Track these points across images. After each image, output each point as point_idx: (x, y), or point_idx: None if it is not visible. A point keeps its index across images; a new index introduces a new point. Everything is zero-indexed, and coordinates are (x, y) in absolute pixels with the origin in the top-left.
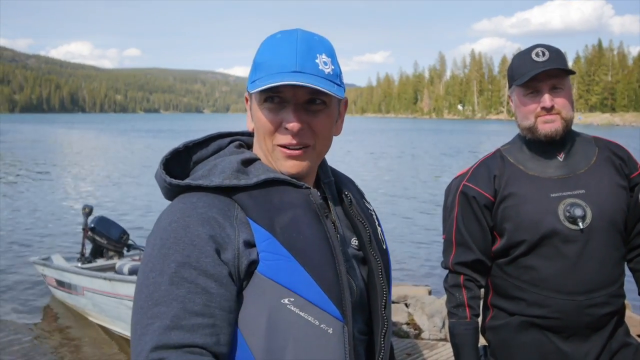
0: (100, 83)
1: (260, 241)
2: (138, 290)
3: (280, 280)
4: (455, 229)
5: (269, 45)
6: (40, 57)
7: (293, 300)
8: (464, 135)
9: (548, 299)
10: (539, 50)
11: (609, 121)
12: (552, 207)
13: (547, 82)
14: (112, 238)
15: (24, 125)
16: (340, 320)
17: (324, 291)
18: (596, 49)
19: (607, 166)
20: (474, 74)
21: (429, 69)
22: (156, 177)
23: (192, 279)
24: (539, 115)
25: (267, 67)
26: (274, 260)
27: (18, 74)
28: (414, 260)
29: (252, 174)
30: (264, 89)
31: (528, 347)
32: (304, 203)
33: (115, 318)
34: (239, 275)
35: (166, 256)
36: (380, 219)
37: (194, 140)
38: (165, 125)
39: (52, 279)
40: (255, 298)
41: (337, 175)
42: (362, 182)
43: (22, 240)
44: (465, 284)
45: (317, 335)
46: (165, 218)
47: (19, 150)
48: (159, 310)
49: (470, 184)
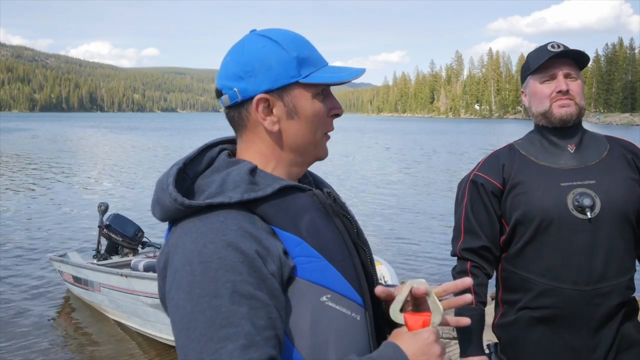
0: (118, 82)
1: (293, 247)
2: (190, 319)
3: (317, 280)
4: (464, 216)
5: (291, 41)
6: (60, 57)
7: (330, 297)
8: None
9: (555, 289)
10: (554, 43)
11: (629, 121)
12: (561, 195)
13: (563, 69)
14: (127, 235)
15: (44, 123)
16: (362, 306)
17: (349, 283)
18: (616, 48)
19: (619, 160)
20: (492, 72)
21: (446, 68)
22: (161, 199)
23: (250, 295)
24: (555, 99)
25: (313, 62)
26: (309, 262)
27: (38, 74)
28: (429, 258)
29: (262, 183)
30: (335, 83)
31: (537, 343)
32: (313, 205)
33: (131, 314)
34: (282, 283)
35: (216, 278)
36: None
37: (190, 155)
38: (180, 124)
39: (69, 275)
40: (298, 301)
41: (313, 175)
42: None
43: (39, 237)
44: (472, 271)
45: (351, 324)
46: (193, 241)
47: (36, 148)
48: (227, 332)
49: (480, 173)
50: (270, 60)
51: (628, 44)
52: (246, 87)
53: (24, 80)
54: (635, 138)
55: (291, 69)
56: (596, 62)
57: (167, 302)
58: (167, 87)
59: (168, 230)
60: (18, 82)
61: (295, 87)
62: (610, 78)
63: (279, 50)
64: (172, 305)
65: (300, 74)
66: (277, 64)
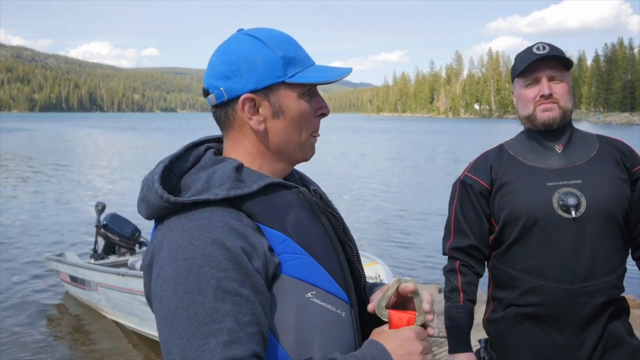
0: (118, 82)
1: (278, 244)
2: (173, 315)
3: (302, 277)
4: (454, 216)
5: (278, 41)
6: (60, 57)
7: (315, 293)
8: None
9: (541, 287)
10: (540, 45)
11: (629, 120)
12: (547, 195)
13: (546, 72)
14: (124, 235)
15: (43, 123)
16: (347, 303)
17: (334, 279)
18: (616, 48)
19: (607, 159)
20: (491, 72)
21: (446, 67)
22: (147, 196)
23: (235, 291)
24: (538, 103)
25: (299, 62)
26: (294, 259)
27: (38, 74)
28: (425, 257)
29: (247, 180)
30: (321, 82)
31: (523, 339)
32: (299, 202)
33: (128, 313)
34: (267, 280)
35: (201, 275)
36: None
37: (176, 153)
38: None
39: (66, 274)
40: (283, 297)
41: (299, 173)
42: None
43: (36, 236)
44: (461, 269)
45: (336, 320)
46: (178, 238)
47: (34, 148)
48: (210, 329)
49: (469, 174)
50: (256, 60)
51: (627, 43)
52: (232, 86)
53: (24, 81)
54: (634, 137)
55: (277, 68)
56: (596, 62)
57: (152, 299)
58: (167, 87)
59: (154, 228)
60: (18, 82)
61: (281, 86)
62: (610, 78)
63: (265, 49)
64: (156, 301)
65: (286, 73)
66: (263, 64)
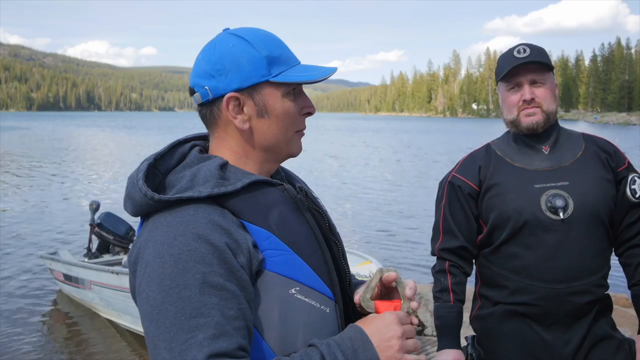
0: (116, 81)
1: (262, 240)
2: (160, 310)
3: (286, 273)
4: (443, 217)
5: (262, 41)
6: (57, 56)
7: (299, 289)
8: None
9: (529, 287)
10: (521, 48)
11: (626, 120)
12: (534, 197)
13: (527, 76)
14: (118, 234)
15: (40, 122)
16: (332, 299)
17: (318, 276)
18: (613, 48)
19: (593, 160)
20: (489, 72)
21: (444, 67)
22: (131, 194)
23: (220, 286)
24: (522, 108)
25: (284, 61)
26: (278, 256)
27: (35, 72)
28: (418, 257)
29: (232, 178)
30: (305, 82)
31: (511, 335)
32: (284, 199)
33: (122, 312)
34: (251, 276)
35: (186, 270)
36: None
37: (161, 151)
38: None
39: (60, 273)
40: (267, 293)
41: (285, 171)
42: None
43: (30, 234)
44: (450, 270)
45: (320, 316)
46: (164, 235)
47: (30, 147)
48: (197, 323)
49: (457, 174)
50: (241, 59)
51: (625, 43)
52: (217, 85)
53: (21, 79)
54: (632, 137)
55: (261, 68)
56: (593, 62)
57: (137, 295)
58: (165, 86)
59: (140, 226)
60: (15, 81)
61: (266, 86)
62: (607, 78)
63: (250, 49)
64: (142, 297)
65: (270, 73)
66: (247, 63)
